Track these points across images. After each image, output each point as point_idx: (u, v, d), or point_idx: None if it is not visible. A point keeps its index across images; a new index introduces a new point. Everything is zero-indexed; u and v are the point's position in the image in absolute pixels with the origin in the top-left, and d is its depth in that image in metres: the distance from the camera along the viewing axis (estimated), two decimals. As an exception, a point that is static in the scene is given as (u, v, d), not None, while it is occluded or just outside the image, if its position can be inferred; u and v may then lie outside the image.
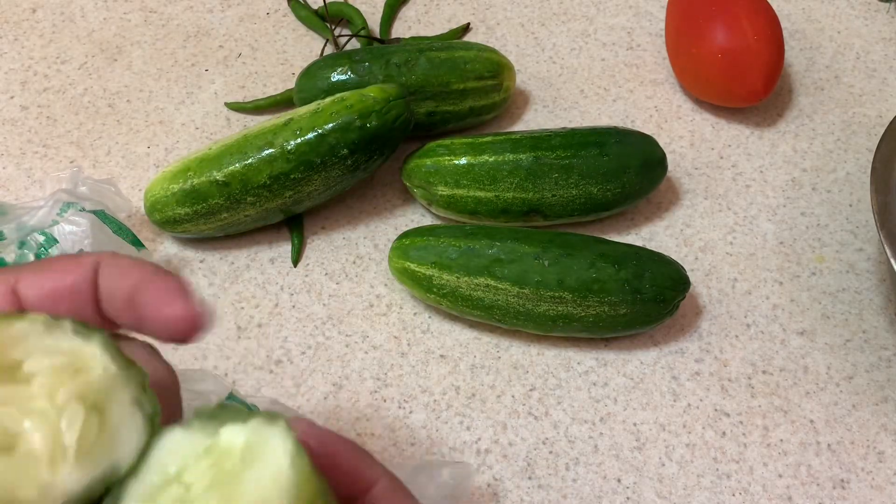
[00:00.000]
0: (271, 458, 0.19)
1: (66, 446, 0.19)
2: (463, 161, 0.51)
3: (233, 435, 0.20)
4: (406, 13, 0.68)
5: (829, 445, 0.46)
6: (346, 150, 0.50)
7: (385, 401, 0.48)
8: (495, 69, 0.56)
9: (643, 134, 0.54)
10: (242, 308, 0.52)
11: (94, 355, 0.20)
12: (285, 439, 0.20)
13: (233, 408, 0.21)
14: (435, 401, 0.48)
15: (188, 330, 0.23)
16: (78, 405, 0.19)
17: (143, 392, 0.20)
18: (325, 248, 0.54)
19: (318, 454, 0.23)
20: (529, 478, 0.45)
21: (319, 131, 0.49)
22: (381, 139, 0.50)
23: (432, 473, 0.41)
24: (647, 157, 0.53)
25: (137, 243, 0.50)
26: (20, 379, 0.19)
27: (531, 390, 0.48)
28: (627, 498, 0.45)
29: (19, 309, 0.22)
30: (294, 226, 0.54)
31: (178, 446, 0.20)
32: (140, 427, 0.20)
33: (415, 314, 0.51)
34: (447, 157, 0.52)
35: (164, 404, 0.22)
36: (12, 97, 0.62)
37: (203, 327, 0.23)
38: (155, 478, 0.19)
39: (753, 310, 0.52)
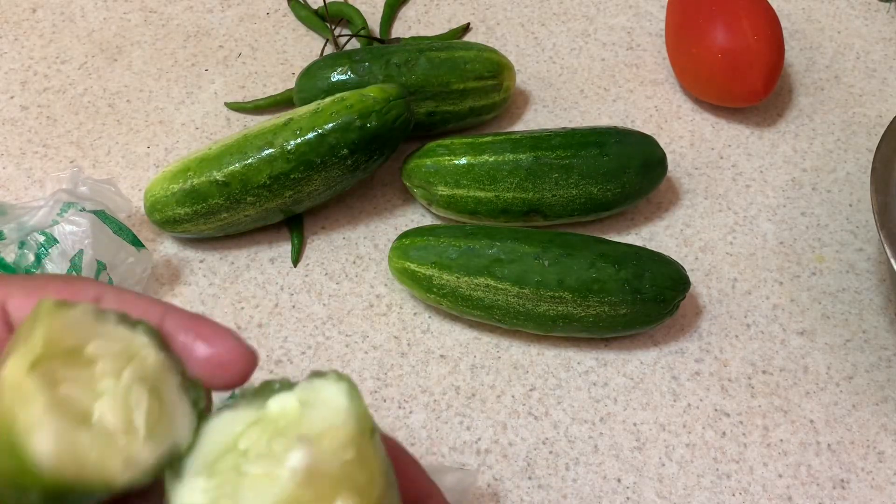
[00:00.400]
0: (327, 399, 0.21)
1: (137, 423, 0.20)
2: (463, 161, 0.51)
3: (282, 402, 0.21)
4: (406, 13, 0.68)
5: (829, 445, 0.46)
6: (346, 150, 0.50)
7: (385, 401, 0.48)
8: (495, 69, 0.56)
9: (643, 134, 0.54)
10: (242, 308, 0.52)
11: (142, 343, 0.21)
12: (338, 382, 0.21)
13: (276, 381, 0.22)
14: (435, 401, 0.48)
15: (237, 369, 0.22)
16: (141, 387, 0.20)
17: (185, 378, 0.22)
18: (325, 248, 0.54)
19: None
20: (529, 478, 0.45)
21: (319, 131, 0.49)
22: (381, 139, 0.50)
23: (436, 479, 0.41)
24: (647, 157, 0.53)
25: (137, 243, 0.50)
26: (84, 362, 0.20)
27: (531, 390, 0.48)
28: (627, 498, 0.45)
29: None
30: (294, 226, 0.54)
31: (226, 425, 0.21)
32: (189, 411, 0.21)
33: (415, 314, 0.51)
34: (447, 157, 0.52)
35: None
36: (12, 97, 0.62)
37: (251, 366, 0.22)
38: (210, 450, 0.21)
39: (753, 310, 0.52)
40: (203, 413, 0.22)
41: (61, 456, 0.19)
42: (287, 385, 0.22)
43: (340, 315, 0.51)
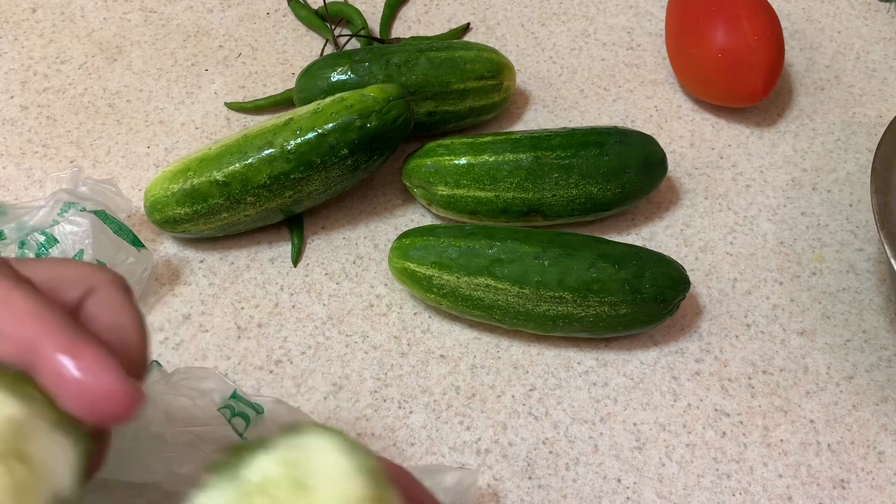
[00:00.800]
0: (324, 459, 0.19)
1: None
2: (463, 161, 0.52)
3: (265, 467, 0.19)
4: (406, 13, 0.68)
5: (829, 445, 0.46)
6: (346, 150, 0.50)
7: (385, 401, 0.48)
8: (495, 69, 0.56)
9: (643, 134, 0.54)
10: (242, 308, 0.52)
11: None
12: (321, 436, 0.19)
13: (243, 445, 0.20)
14: (435, 401, 0.48)
15: (113, 406, 0.20)
16: None
17: (59, 413, 0.20)
18: (325, 248, 0.54)
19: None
20: (529, 478, 0.45)
21: (319, 131, 0.49)
22: (381, 139, 0.50)
23: (437, 479, 0.41)
24: (647, 157, 0.53)
25: (137, 243, 0.50)
26: None
27: (531, 390, 0.48)
28: (627, 498, 0.45)
29: None
30: (294, 226, 0.54)
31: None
32: (68, 448, 0.20)
33: (415, 314, 0.51)
34: (447, 157, 0.52)
35: (127, 363, 0.20)
36: (12, 97, 0.62)
37: (133, 405, 0.20)
38: None
39: (753, 310, 0.52)
40: (84, 437, 0.20)
41: None
42: (260, 446, 0.19)
43: (340, 315, 0.51)
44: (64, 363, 0.19)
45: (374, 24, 0.67)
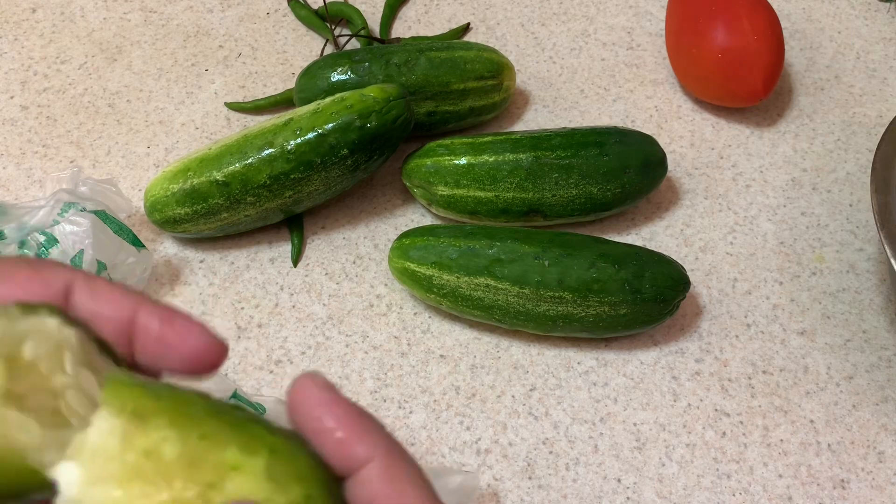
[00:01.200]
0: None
1: (95, 398, 0.22)
2: (463, 161, 0.52)
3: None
4: (406, 13, 0.68)
5: (829, 445, 0.46)
6: (346, 150, 0.50)
7: (385, 401, 0.48)
8: (495, 69, 0.56)
9: (643, 134, 0.54)
10: (242, 308, 0.52)
11: (53, 326, 0.22)
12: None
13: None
14: (435, 401, 0.48)
15: (213, 361, 0.23)
16: (84, 369, 0.22)
17: (97, 340, 0.23)
18: (325, 248, 0.54)
19: (305, 417, 0.22)
20: (529, 478, 0.45)
21: (319, 131, 0.49)
22: (381, 139, 0.50)
23: (441, 482, 0.41)
24: (647, 157, 0.53)
25: (137, 243, 0.50)
26: (26, 366, 0.21)
27: (531, 390, 0.48)
28: (627, 498, 0.45)
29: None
30: (294, 226, 0.54)
31: None
32: (115, 367, 0.23)
33: (415, 314, 0.51)
34: (447, 157, 0.52)
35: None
36: (12, 97, 0.62)
37: (224, 356, 0.24)
38: None
39: (753, 310, 0.52)
40: (117, 355, 0.23)
41: (86, 478, 0.20)
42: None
43: (340, 315, 0.51)
44: (165, 329, 0.23)
45: (374, 24, 0.67)
